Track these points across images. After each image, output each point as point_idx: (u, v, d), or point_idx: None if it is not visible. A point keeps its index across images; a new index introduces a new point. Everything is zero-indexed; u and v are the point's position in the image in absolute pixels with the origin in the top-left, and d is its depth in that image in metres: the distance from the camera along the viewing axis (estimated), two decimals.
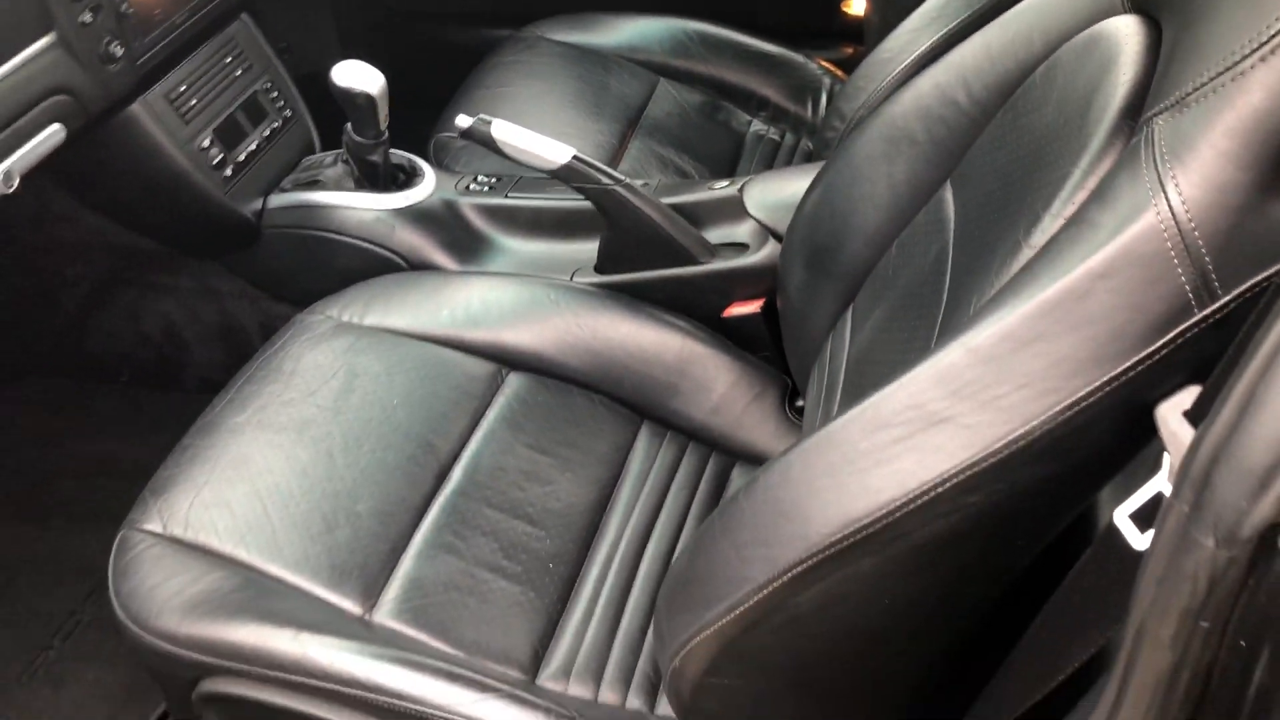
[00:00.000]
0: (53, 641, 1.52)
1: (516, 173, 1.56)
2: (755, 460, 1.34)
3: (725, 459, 1.36)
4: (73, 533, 1.69)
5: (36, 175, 1.30)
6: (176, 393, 1.88)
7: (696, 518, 1.27)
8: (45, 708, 1.44)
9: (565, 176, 1.37)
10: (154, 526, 1.16)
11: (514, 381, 1.35)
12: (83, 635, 1.52)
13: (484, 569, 1.16)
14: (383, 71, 1.47)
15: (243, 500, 1.18)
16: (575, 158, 1.36)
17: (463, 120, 1.39)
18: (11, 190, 1.24)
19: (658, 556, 1.23)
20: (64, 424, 1.90)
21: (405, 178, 1.61)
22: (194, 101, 1.58)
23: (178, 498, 1.18)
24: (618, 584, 1.19)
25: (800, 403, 1.32)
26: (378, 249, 1.57)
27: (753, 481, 0.79)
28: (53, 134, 1.31)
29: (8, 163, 1.23)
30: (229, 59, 1.65)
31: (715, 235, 1.45)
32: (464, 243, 1.59)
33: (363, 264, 1.57)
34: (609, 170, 1.37)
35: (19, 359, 1.95)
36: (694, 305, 1.41)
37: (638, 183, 1.44)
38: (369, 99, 1.46)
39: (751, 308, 1.37)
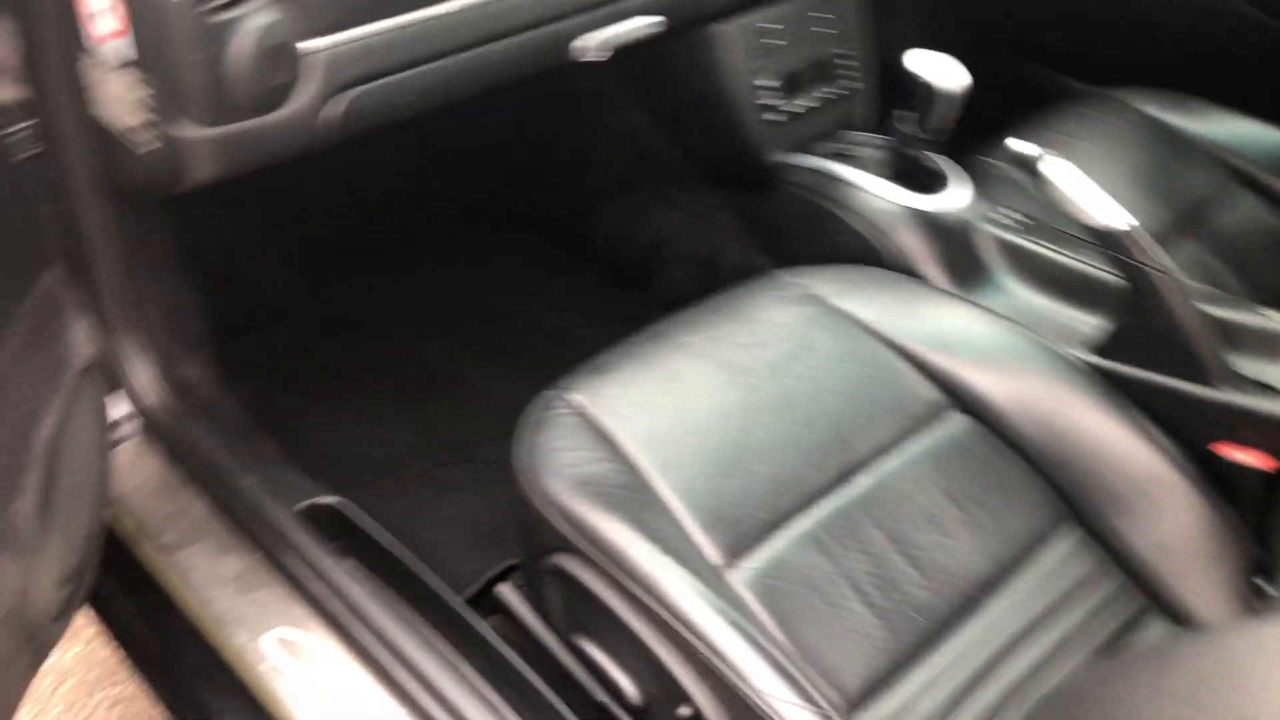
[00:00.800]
0: (450, 459, 1.66)
1: (1047, 218, 1.45)
2: (1178, 619, 1.16)
3: (1143, 601, 1.19)
4: (498, 375, 1.82)
5: (616, 56, 1.38)
6: (635, 295, 1.97)
7: (1085, 645, 1.13)
8: (423, 510, 1.57)
9: (1112, 243, 1.25)
10: (578, 399, 1.21)
11: (956, 421, 1.27)
12: (477, 466, 1.64)
13: (848, 585, 1.10)
14: None
15: (662, 412, 1.20)
16: (1134, 228, 1.23)
17: (1017, 145, 1.30)
18: (603, 59, 1.33)
19: (1028, 661, 1.10)
20: (535, 282, 2.05)
21: (930, 182, 1.55)
22: (772, 41, 1.62)
23: (609, 384, 1.22)
24: (974, 667, 1.08)
25: (1259, 579, 1.13)
26: (871, 239, 1.53)
27: (1205, 638, 0.66)
28: (655, 23, 1.39)
29: (612, 31, 1.32)
30: (822, 15, 1.67)
31: (1245, 366, 1.26)
32: (963, 266, 1.51)
33: (851, 248, 1.54)
34: (1162, 254, 1.24)
35: (525, 214, 2.13)
36: (1186, 428, 1.24)
37: (1186, 281, 1.29)
38: (945, 95, 1.41)
39: (1259, 462, 1.19)
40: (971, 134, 1.68)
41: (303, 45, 1.10)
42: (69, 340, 1.07)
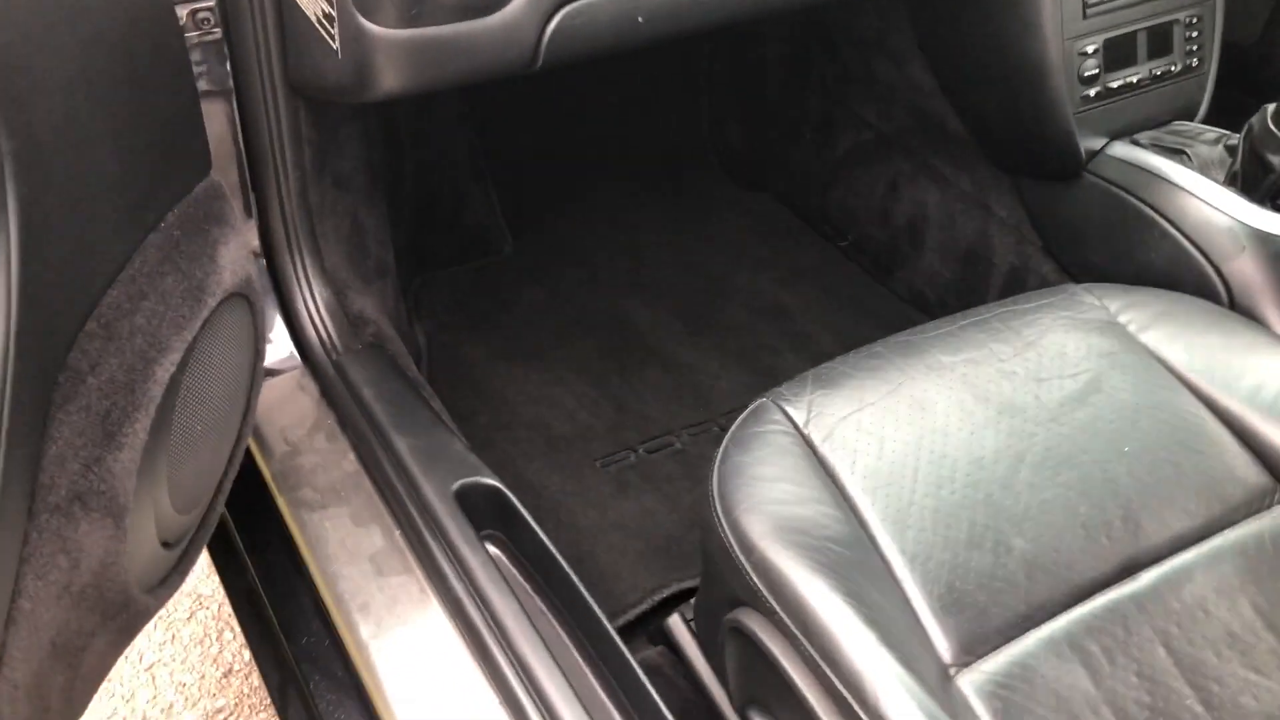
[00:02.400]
0: (639, 448, 1.45)
1: None
2: None
3: None
4: (709, 353, 1.60)
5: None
6: (878, 282, 1.70)
7: None
8: (594, 502, 1.37)
9: None
10: (796, 414, 0.98)
11: None
12: (666, 462, 1.42)
13: (1112, 713, 0.84)
14: None
15: (899, 447, 0.96)
16: None
17: None
18: None
19: None
20: (763, 251, 1.81)
21: None
22: None
23: (836, 402, 0.99)
24: None
25: None
26: (1200, 261, 1.22)
27: None
28: None
29: None
30: None
31: None
32: None
33: (1170, 268, 1.23)
34: None
35: (759, 171, 1.89)
36: None
37: None
38: None
39: None
40: None
41: None
42: (217, 260, 0.92)
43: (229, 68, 1.03)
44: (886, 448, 0.96)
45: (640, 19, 0.98)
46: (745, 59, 1.67)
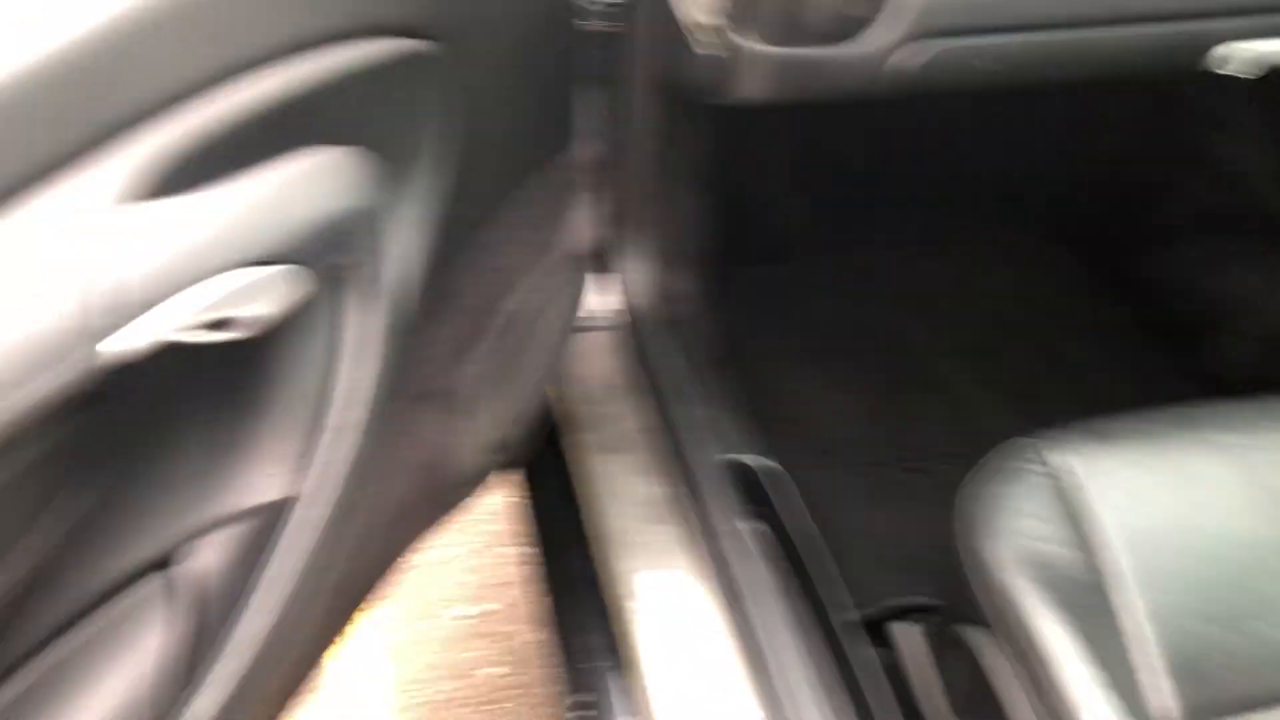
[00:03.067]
0: (899, 464, 1.51)
1: None
2: None
3: None
4: (985, 389, 1.63)
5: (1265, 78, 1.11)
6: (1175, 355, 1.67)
7: None
8: (850, 505, 1.44)
9: None
10: (1058, 459, 1.01)
11: None
12: (924, 482, 1.48)
13: None
14: None
15: (1163, 514, 0.97)
16: None
17: None
18: (1246, 77, 1.07)
19: None
20: (1055, 301, 1.81)
21: None
22: None
23: (1102, 456, 1.00)
24: None
25: None
26: None
27: None
28: None
29: (1272, 47, 1.06)
30: None
31: None
32: None
33: None
34: None
35: (1065, 225, 1.87)
36: None
37: None
38: None
39: None
40: None
41: None
42: (559, 224, 1.06)
43: (607, 57, 1.17)
44: (1147, 508, 0.98)
45: (1000, 67, 1.04)
46: (1073, 111, 1.68)
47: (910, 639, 1.14)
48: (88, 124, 0.53)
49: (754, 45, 1.01)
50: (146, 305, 0.53)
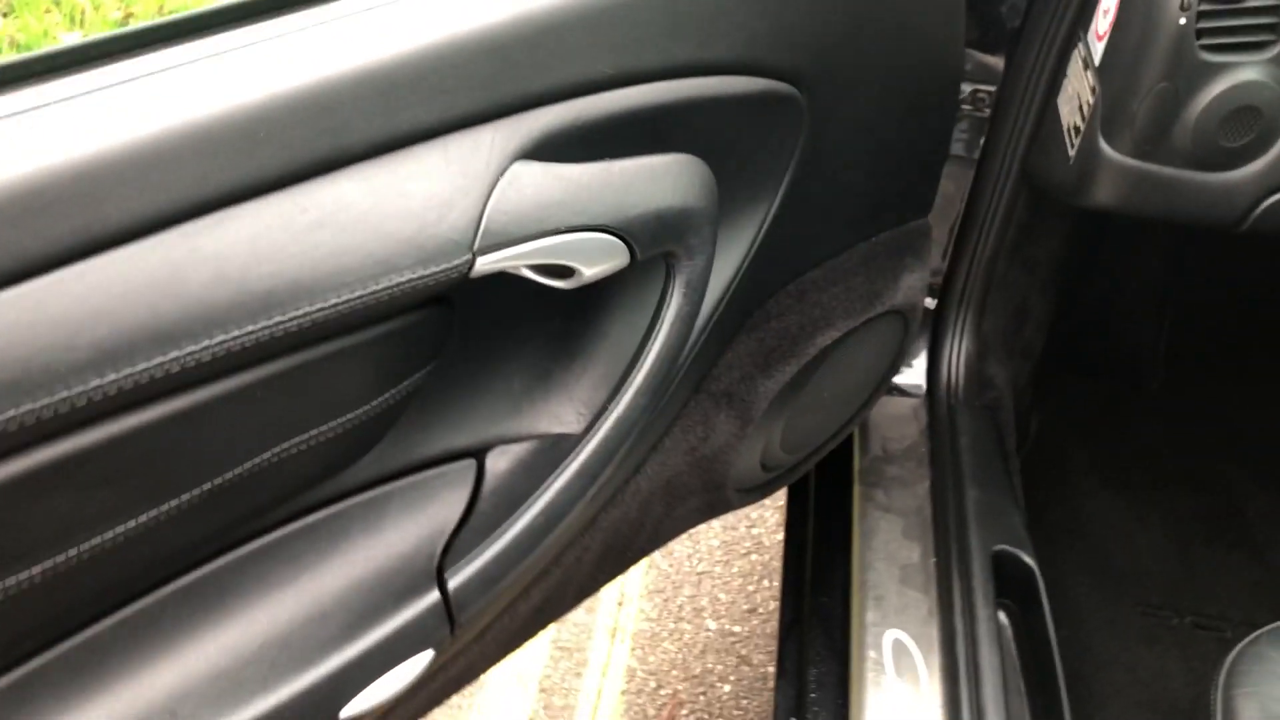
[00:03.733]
0: (1187, 616, 1.42)
1: None
2: None
3: None
4: None
5: None
6: None
7: None
8: (1127, 642, 1.39)
9: None
10: None
11: None
12: (1207, 638, 1.39)
13: None
14: None
15: None
16: None
17: None
18: None
19: None
20: None
21: None
22: None
23: None
24: None
25: None
26: None
27: None
28: None
29: None
30: None
31: None
32: None
33: None
34: None
35: None
36: None
37: None
38: None
39: None
40: None
41: None
42: (899, 281, 1.12)
43: (980, 141, 1.22)
44: None
45: None
46: None
47: None
48: (499, 91, 0.67)
49: (1118, 156, 1.03)
50: (516, 239, 0.67)
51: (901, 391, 1.41)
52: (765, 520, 1.81)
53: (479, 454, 0.81)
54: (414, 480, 0.79)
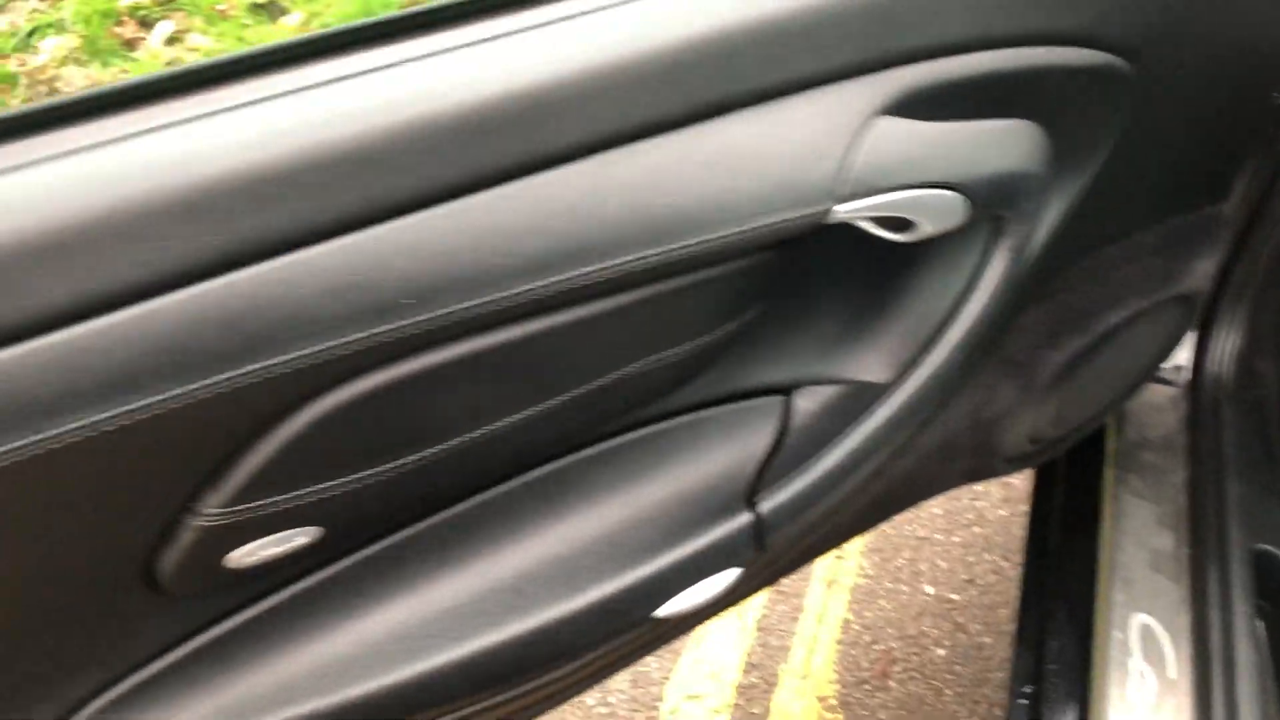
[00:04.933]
0: None
1: None
2: None
3: None
4: None
5: None
6: None
7: None
8: None
9: None
10: None
11: None
12: None
13: None
14: None
15: None
16: None
17: None
18: None
19: None
20: None
21: None
22: None
23: None
24: None
25: None
26: None
27: None
28: None
29: None
30: None
31: None
32: None
33: None
34: None
35: None
36: None
37: None
38: None
39: None
40: None
41: None
42: (1190, 266, 1.10)
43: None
44: None
45: None
46: None
47: None
48: (872, 47, 0.71)
49: None
50: (872, 190, 0.70)
51: (1160, 379, 1.39)
52: (989, 494, 1.81)
53: (787, 391, 0.86)
54: (729, 409, 0.84)
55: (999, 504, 1.82)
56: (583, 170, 0.62)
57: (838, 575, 1.72)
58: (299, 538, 0.67)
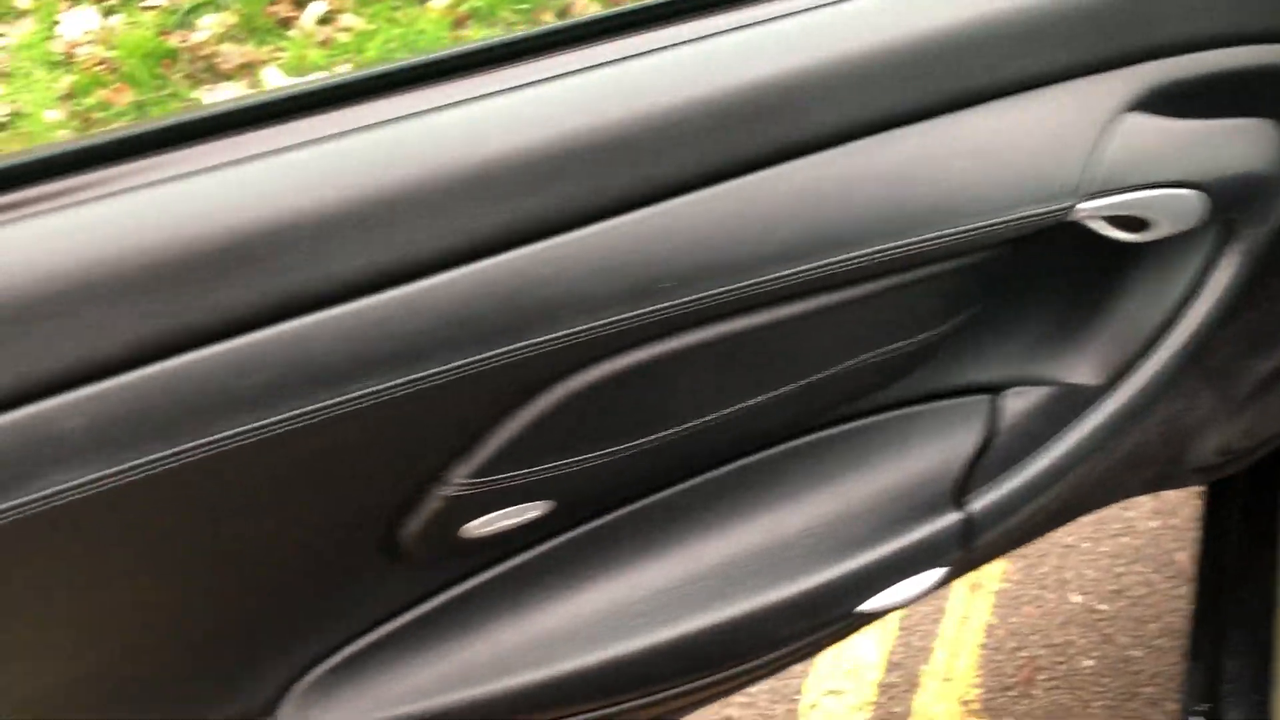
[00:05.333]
0: None
1: None
2: None
3: None
4: None
5: None
6: None
7: None
8: None
9: None
10: None
11: None
12: None
13: None
14: None
15: None
16: None
17: None
18: None
19: None
20: None
21: None
22: None
23: None
24: None
25: None
26: None
27: None
28: None
29: None
30: None
31: None
32: None
33: None
34: None
35: None
36: None
37: None
38: None
39: None
40: None
41: None
42: None
43: None
44: None
45: None
46: None
47: None
48: (1122, 41, 0.69)
49: None
50: (1116, 189, 0.69)
51: None
52: (1140, 504, 1.76)
53: (997, 390, 0.85)
54: (938, 406, 0.84)
55: (1149, 515, 1.76)
56: (833, 159, 0.62)
57: (981, 579, 1.69)
58: (531, 511, 0.69)
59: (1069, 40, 0.67)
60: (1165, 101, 0.71)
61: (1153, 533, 1.74)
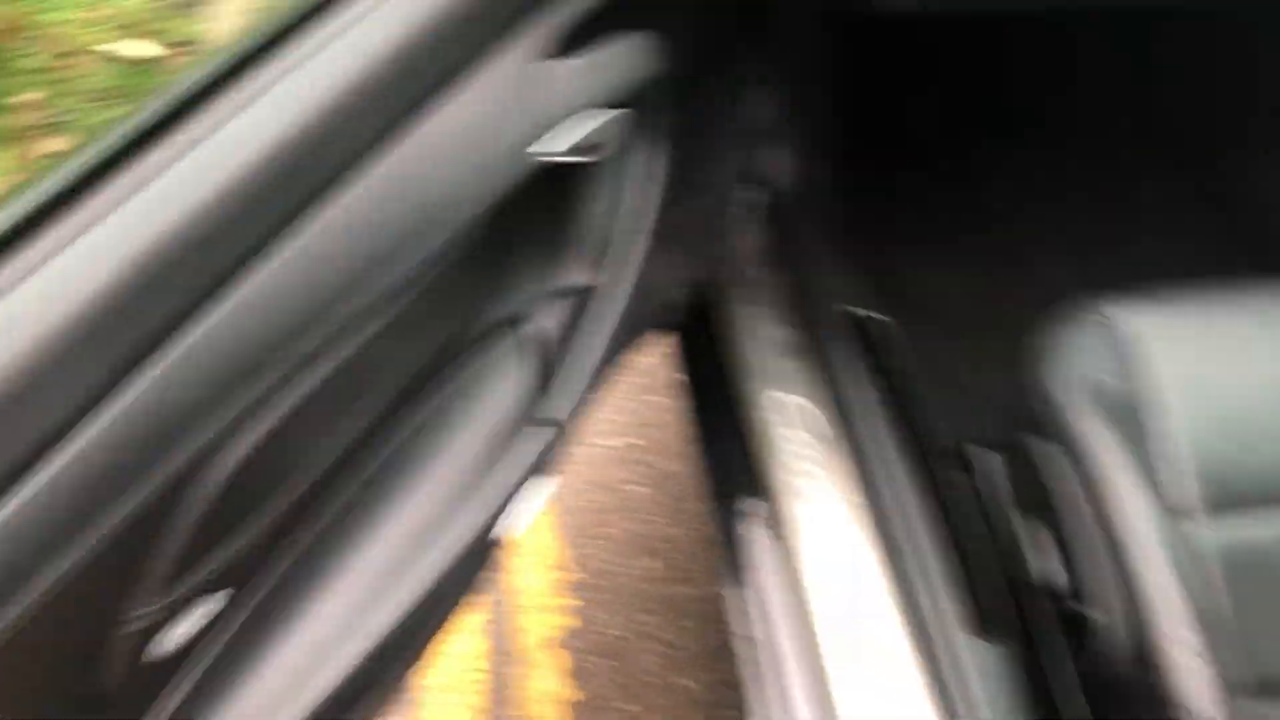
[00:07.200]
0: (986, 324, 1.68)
1: None
2: None
3: None
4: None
5: None
6: None
7: None
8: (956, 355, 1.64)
9: None
10: (1114, 312, 1.10)
11: None
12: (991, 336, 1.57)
13: None
14: None
15: (1201, 352, 1.07)
16: None
17: None
18: None
19: None
20: None
21: None
22: None
23: (1157, 313, 1.09)
24: None
25: None
26: None
27: None
28: None
29: None
30: None
31: None
32: None
33: None
34: None
35: None
36: None
37: None
38: None
39: None
40: None
41: None
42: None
43: None
44: (1194, 353, 1.05)
45: None
46: None
47: (988, 460, 1.35)
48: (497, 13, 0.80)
49: None
50: (553, 125, 0.83)
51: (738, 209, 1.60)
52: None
53: (517, 321, 1.00)
54: (479, 357, 0.96)
55: None
56: (343, 203, 0.70)
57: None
58: (214, 603, 0.73)
59: (470, 21, 0.77)
60: (567, 42, 0.85)
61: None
